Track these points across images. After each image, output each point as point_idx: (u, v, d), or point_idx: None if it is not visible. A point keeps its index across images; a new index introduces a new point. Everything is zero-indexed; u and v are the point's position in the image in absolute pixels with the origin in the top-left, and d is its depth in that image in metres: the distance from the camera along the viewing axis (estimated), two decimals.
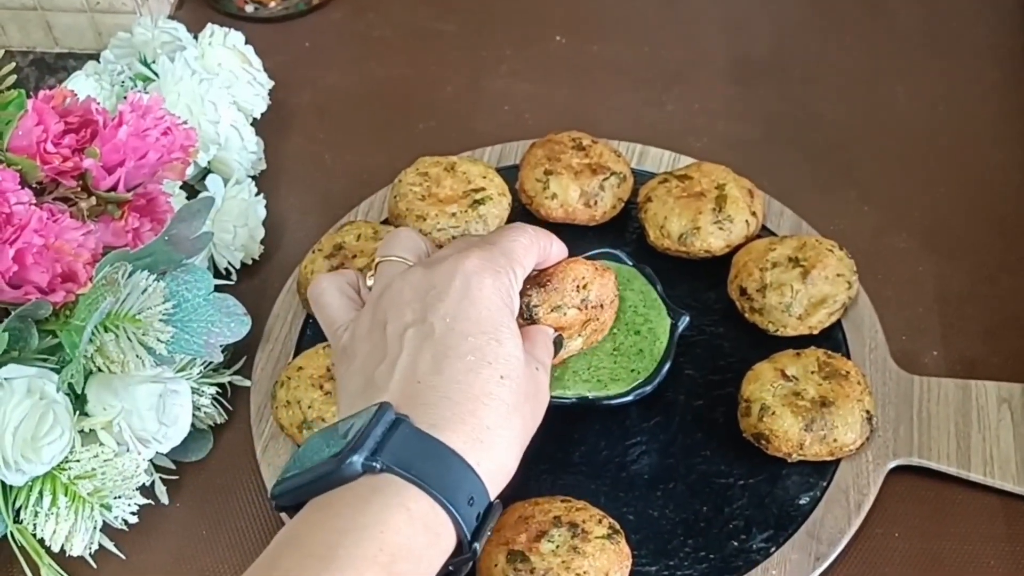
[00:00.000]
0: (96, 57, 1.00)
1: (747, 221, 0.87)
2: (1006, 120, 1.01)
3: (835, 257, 0.84)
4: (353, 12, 1.15)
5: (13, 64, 0.83)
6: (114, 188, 0.77)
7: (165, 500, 0.80)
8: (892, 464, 0.78)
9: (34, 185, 0.76)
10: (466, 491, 0.59)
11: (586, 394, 0.78)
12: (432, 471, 0.58)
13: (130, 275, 0.73)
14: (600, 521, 0.72)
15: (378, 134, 1.04)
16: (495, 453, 0.61)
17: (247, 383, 0.85)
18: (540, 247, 0.70)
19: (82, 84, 0.93)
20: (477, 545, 0.59)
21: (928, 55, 1.07)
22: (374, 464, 0.57)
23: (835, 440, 0.76)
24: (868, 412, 0.77)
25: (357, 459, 0.57)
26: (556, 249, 0.72)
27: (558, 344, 0.72)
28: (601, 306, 0.74)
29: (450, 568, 0.60)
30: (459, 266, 0.65)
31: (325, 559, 0.54)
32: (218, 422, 0.83)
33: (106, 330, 0.73)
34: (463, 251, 0.66)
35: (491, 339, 0.63)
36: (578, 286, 0.72)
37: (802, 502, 0.77)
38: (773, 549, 0.75)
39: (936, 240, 0.93)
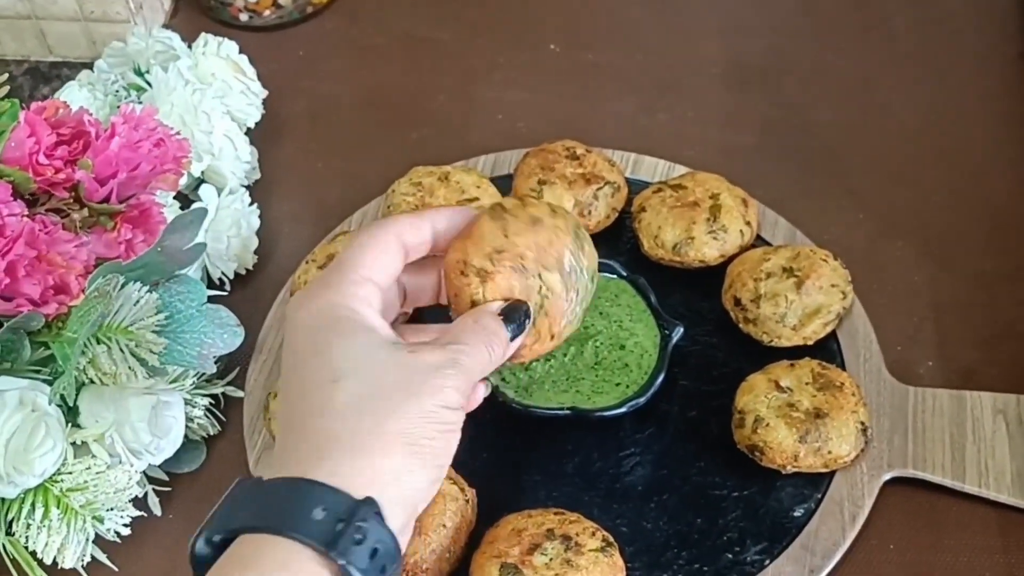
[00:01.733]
0: (90, 66, 1.00)
1: (741, 231, 0.87)
2: (1002, 128, 1.01)
3: (829, 267, 0.84)
4: (347, 21, 1.15)
5: (6, 75, 0.82)
6: (107, 199, 0.77)
7: (158, 512, 0.80)
8: (887, 476, 0.78)
9: (26, 196, 0.76)
10: (308, 507, 0.53)
11: (574, 404, 0.78)
12: (263, 510, 0.54)
13: (122, 287, 0.73)
14: (593, 534, 0.71)
15: (372, 143, 1.03)
16: (346, 454, 0.55)
17: (240, 394, 0.84)
18: (390, 239, 0.62)
19: (75, 95, 0.92)
20: (355, 558, 0.52)
21: (923, 63, 1.07)
22: (210, 539, 0.54)
23: (830, 452, 0.76)
24: (863, 424, 0.77)
25: (194, 541, 0.54)
26: (441, 223, 0.64)
27: (514, 312, 0.62)
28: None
29: None
30: (288, 305, 0.62)
31: None
32: (211, 433, 0.83)
33: (98, 342, 0.73)
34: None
35: (317, 352, 0.58)
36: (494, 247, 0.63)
37: (796, 514, 0.77)
38: (767, 561, 0.74)
39: (931, 249, 0.92)
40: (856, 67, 1.08)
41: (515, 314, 0.62)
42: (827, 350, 0.84)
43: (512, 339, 0.62)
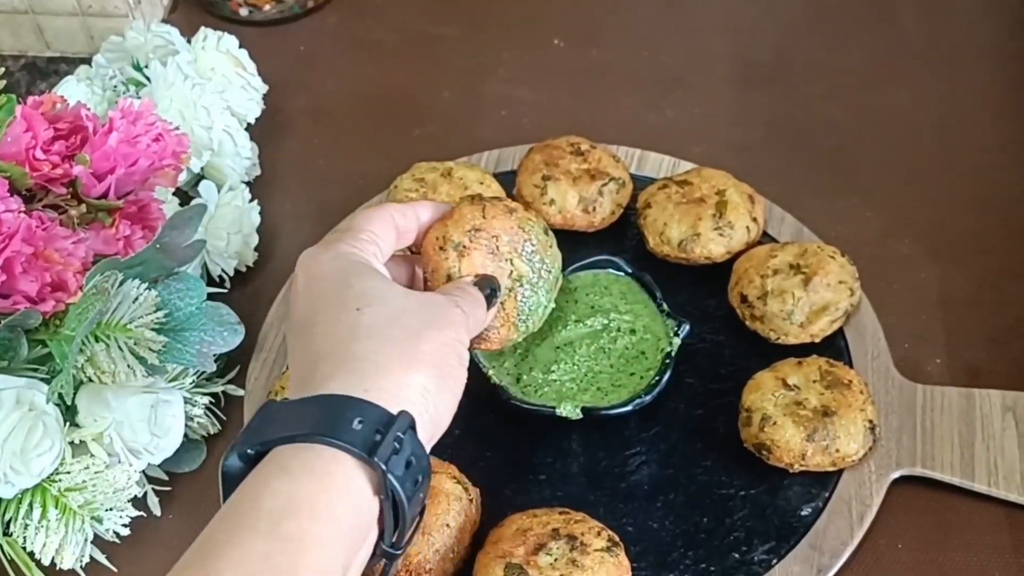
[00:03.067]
0: (88, 61, 0.99)
1: (748, 227, 0.86)
2: (1010, 125, 1.00)
3: (837, 264, 0.83)
4: (349, 15, 1.14)
5: (3, 70, 0.81)
6: (104, 195, 0.76)
7: (157, 512, 0.79)
8: (895, 474, 0.77)
9: (23, 192, 0.75)
10: (347, 418, 0.55)
11: (593, 403, 0.78)
12: (299, 422, 0.55)
13: (121, 284, 0.72)
14: (599, 533, 0.70)
15: (374, 139, 1.03)
16: (378, 372, 0.57)
17: (241, 392, 0.84)
18: (386, 217, 0.67)
19: (73, 89, 0.91)
20: (393, 466, 0.54)
21: (931, 60, 1.06)
22: (244, 452, 0.56)
23: (837, 450, 0.75)
24: (871, 422, 0.76)
25: (226, 457, 0.56)
26: (425, 215, 0.70)
27: (487, 284, 0.68)
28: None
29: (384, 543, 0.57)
30: (300, 258, 0.65)
31: (206, 555, 0.53)
32: (211, 432, 0.82)
33: (97, 340, 0.72)
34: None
35: (339, 289, 0.61)
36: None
37: (804, 513, 0.76)
38: (775, 561, 0.74)
39: (940, 246, 0.92)
40: (864, 64, 1.07)
41: (488, 285, 0.68)
42: (835, 347, 0.83)
43: (487, 309, 0.67)
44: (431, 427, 0.59)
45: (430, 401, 0.58)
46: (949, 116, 1.01)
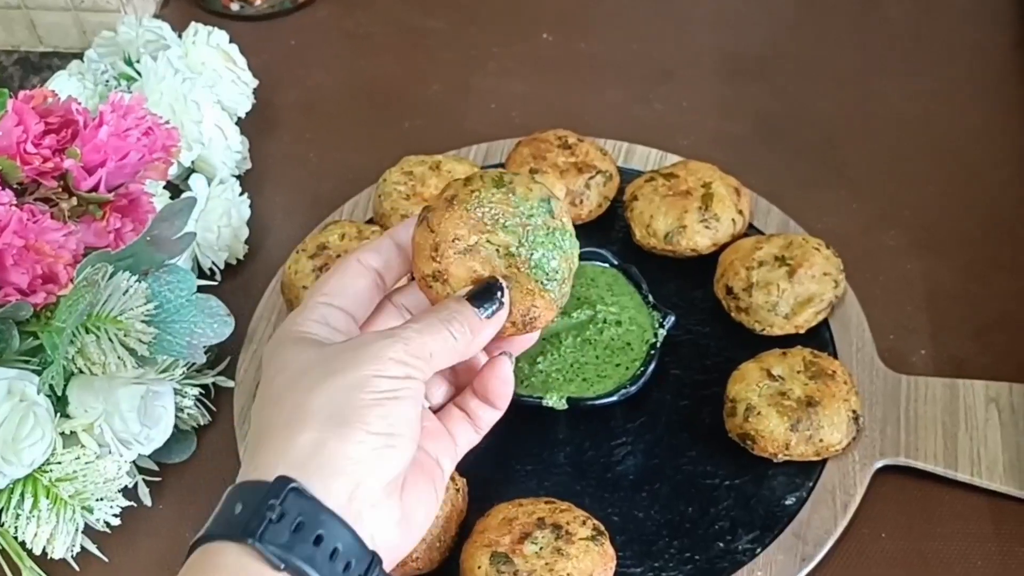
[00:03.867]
0: (81, 56, 0.99)
1: (733, 220, 0.87)
2: (996, 118, 1.01)
3: (822, 256, 0.83)
4: (340, 9, 1.14)
5: None
6: (95, 188, 0.77)
7: (148, 502, 0.80)
8: (879, 464, 0.78)
9: (15, 186, 0.75)
10: (230, 507, 0.53)
11: (579, 393, 0.79)
12: (209, 522, 0.54)
13: (111, 276, 0.73)
14: (584, 522, 0.71)
15: (364, 133, 1.03)
16: (263, 445, 0.55)
17: (231, 384, 0.84)
18: (350, 263, 0.61)
19: (64, 84, 0.92)
20: (271, 536, 0.51)
21: (918, 53, 1.07)
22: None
23: (821, 440, 0.76)
24: (854, 412, 0.77)
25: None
26: (401, 236, 0.62)
27: (483, 292, 0.60)
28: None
29: None
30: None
31: None
32: (201, 423, 0.83)
33: (87, 331, 0.73)
34: None
35: (266, 370, 0.58)
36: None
37: (788, 503, 0.76)
38: (759, 550, 0.74)
39: (926, 238, 0.92)
40: (851, 58, 1.08)
41: (484, 292, 0.59)
42: (820, 339, 0.84)
43: (490, 314, 0.59)
44: (344, 478, 0.53)
45: (327, 454, 0.53)
46: (935, 110, 1.02)
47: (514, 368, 0.67)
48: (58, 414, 0.74)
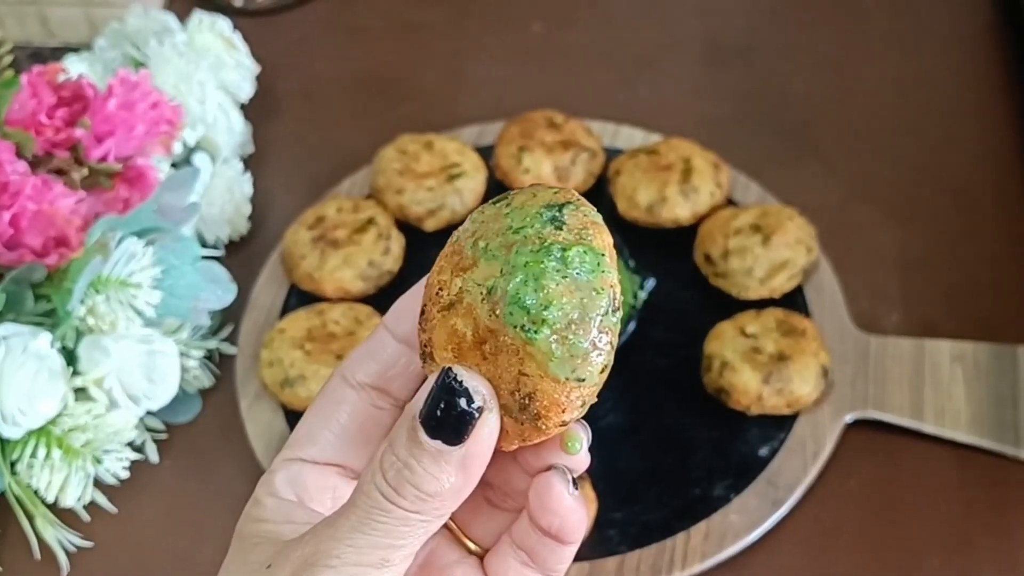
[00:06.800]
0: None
1: (712, 192, 0.91)
2: (965, 99, 1.05)
3: (795, 224, 0.88)
4: (340, 4, 1.19)
5: (11, 45, 0.86)
6: (104, 159, 0.81)
7: (155, 459, 0.84)
8: (848, 417, 0.81)
9: (29, 158, 0.80)
10: None
11: None
12: None
13: (120, 241, 0.77)
14: None
15: (362, 117, 1.08)
16: None
17: (234, 351, 0.88)
18: (334, 388, 0.45)
19: (76, 67, 0.96)
20: None
21: (893, 40, 1.11)
22: None
23: (792, 392, 0.80)
24: (823, 367, 0.81)
25: None
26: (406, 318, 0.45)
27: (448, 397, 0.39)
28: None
29: None
30: None
31: None
32: (206, 385, 0.87)
33: (97, 292, 0.77)
34: None
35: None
36: None
37: (762, 453, 0.80)
38: (733, 495, 0.78)
39: (898, 210, 0.96)
40: (829, 43, 1.12)
41: (437, 402, 0.39)
42: (795, 303, 0.88)
43: (458, 437, 0.39)
44: None
45: None
46: (908, 92, 1.06)
47: None
48: (70, 370, 0.78)
